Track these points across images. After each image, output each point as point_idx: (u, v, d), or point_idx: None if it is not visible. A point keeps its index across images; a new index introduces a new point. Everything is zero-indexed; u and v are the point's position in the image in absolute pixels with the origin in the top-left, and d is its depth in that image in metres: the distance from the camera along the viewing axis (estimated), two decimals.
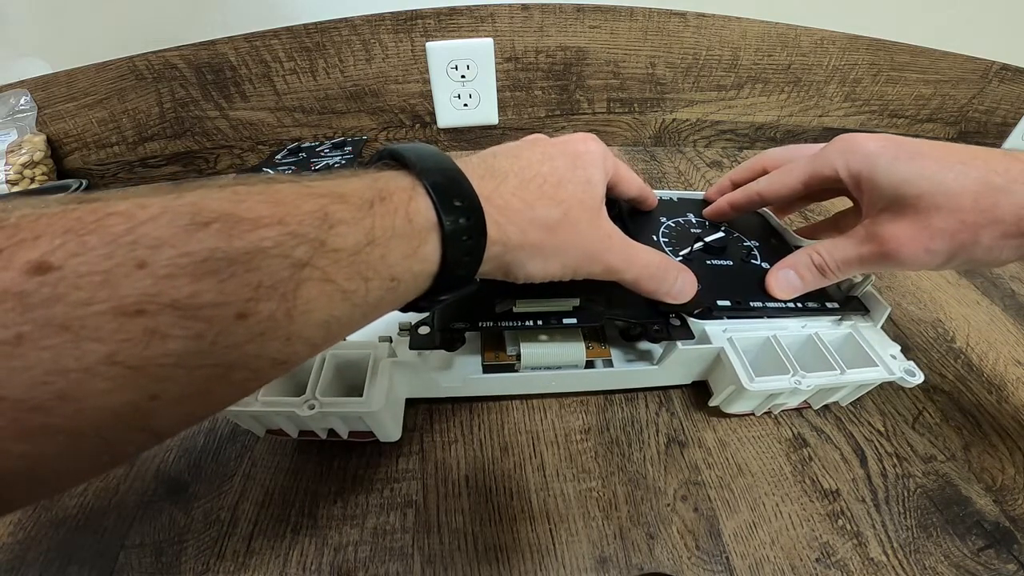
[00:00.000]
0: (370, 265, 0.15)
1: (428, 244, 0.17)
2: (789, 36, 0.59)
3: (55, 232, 0.11)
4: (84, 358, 0.10)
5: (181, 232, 0.12)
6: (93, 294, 0.11)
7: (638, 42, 0.58)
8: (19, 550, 0.26)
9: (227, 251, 0.12)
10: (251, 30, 0.53)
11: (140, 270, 0.11)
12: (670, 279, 0.26)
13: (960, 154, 0.24)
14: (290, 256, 0.13)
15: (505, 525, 0.27)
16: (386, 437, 0.28)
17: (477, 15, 0.54)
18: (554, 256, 0.21)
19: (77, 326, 0.10)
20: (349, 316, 0.15)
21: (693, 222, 0.36)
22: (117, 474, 0.29)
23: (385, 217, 0.16)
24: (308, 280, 0.14)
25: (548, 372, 0.30)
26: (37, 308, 0.10)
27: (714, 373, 0.31)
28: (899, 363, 0.28)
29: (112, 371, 0.11)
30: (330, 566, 0.25)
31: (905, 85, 0.64)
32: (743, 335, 0.30)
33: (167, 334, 0.11)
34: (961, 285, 0.45)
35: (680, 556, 0.26)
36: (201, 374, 0.12)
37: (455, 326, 0.27)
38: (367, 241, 0.15)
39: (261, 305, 0.13)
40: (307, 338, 0.14)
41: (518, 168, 0.21)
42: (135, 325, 0.11)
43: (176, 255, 0.11)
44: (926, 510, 0.28)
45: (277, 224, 0.13)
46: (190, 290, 0.12)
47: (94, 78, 0.52)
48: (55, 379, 0.10)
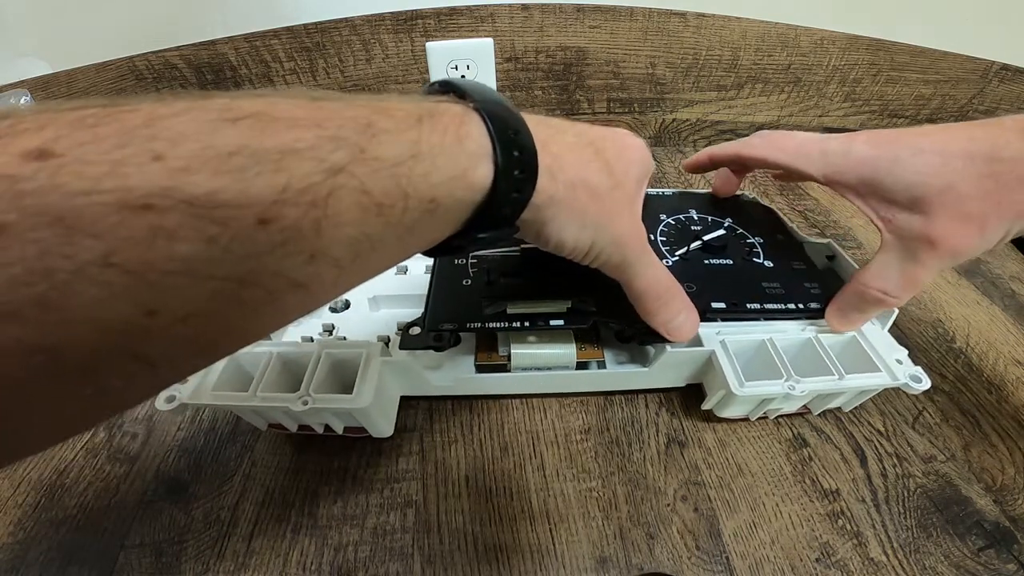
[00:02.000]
0: (411, 181, 0.14)
1: (479, 170, 0.16)
2: (789, 36, 0.59)
3: (62, 123, 0.09)
4: (76, 256, 0.09)
5: (207, 127, 0.11)
6: (96, 184, 0.09)
7: (638, 42, 0.58)
8: (19, 550, 0.26)
9: (255, 148, 0.11)
10: (251, 30, 0.53)
11: (155, 162, 0.10)
12: (672, 309, 0.25)
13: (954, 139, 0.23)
14: (326, 160, 0.12)
15: (505, 525, 0.27)
16: (378, 433, 0.28)
17: (477, 15, 0.54)
18: (591, 227, 0.20)
19: (73, 217, 0.09)
20: (381, 236, 0.14)
21: (695, 219, 0.35)
22: (117, 474, 0.29)
23: (433, 133, 0.15)
24: (342, 188, 0.12)
25: (539, 373, 0.30)
26: (29, 195, 0.09)
27: (707, 376, 0.31)
28: (905, 368, 0.27)
29: (106, 274, 0.09)
30: (330, 566, 0.25)
31: (905, 85, 0.64)
32: (737, 338, 0.29)
33: (175, 234, 0.10)
34: (961, 285, 0.45)
35: (680, 556, 0.26)
36: (208, 288, 0.11)
37: (444, 327, 0.27)
38: (411, 154, 0.14)
39: (287, 210, 0.11)
40: (333, 258, 0.13)
41: (575, 131, 0.21)
42: (140, 220, 0.09)
43: (199, 148, 0.10)
44: (926, 510, 0.28)
45: (315, 126, 0.12)
46: (209, 187, 0.10)
47: (94, 78, 0.52)
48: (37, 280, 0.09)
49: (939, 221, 0.23)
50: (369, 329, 0.32)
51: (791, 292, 0.30)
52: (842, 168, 0.26)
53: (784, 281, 0.31)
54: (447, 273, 0.31)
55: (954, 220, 0.23)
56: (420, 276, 0.36)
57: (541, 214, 0.19)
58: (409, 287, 0.34)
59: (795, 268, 0.32)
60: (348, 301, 0.35)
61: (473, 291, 0.29)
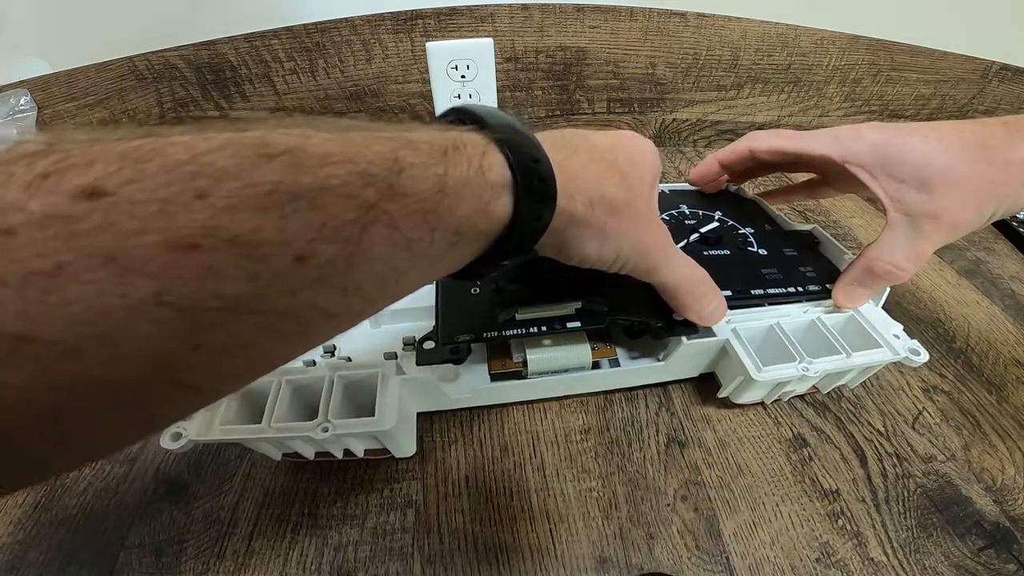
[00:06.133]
0: (438, 215, 0.14)
1: (500, 200, 0.16)
2: (789, 36, 0.59)
3: (110, 158, 0.10)
4: (130, 295, 0.09)
5: (246, 163, 0.11)
6: (146, 224, 0.09)
7: (638, 42, 0.58)
8: (19, 550, 0.26)
9: (292, 186, 0.11)
10: (251, 30, 0.53)
11: (199, 200, 0.10)
12: (706, 300, 0.26)
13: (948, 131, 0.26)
14: (358, 197, 0.12)
15: (505, 525, 0.27)
16: (401, 453, 0.28)
17: (477, 15, 0.54)
18: (613, 240, 0.21)
19: (126, 258, 0.09)
20: (408, 269, 0.15)
21: (687, 213, 0.36)
22: (117, 474, 0.29)
23: (458, 167, 0.15)
24: (374, 224, 0.13)
25: (555, 376, 0.30)
26: (83, 236, 0.09)
27: (721, 365, 0.31)
28: (903, 343, 0.28)
29: (158, 313, 0.10)
30: (330, 566, 0.25)
31: (905, 85, 0.64)
32: (746, 325, 0.29)
33: (222, 273, 0.10)
34: (961, 285, 0.45)
35: (680, 556, 0.26)
36: (250, 322, 0.11)
37: (460, 339, 0.27)
38: (438, 188, 0.14)
39: (323, 247, 0.12)
40: (364, 291, 0.14)
41: (587, 147, 0.21)
42: (189, 260, 0.10)
43: (239, 186, 0.10)
44: (926, 510, 0.28)
45: (347, 163, 0.12)
46: (251, 225, 0.10)
47: (94, 78, 0.52)
48: (95, 319, 0.09)
49: (942, 199, 0.26)
50: (371, 346, 0.32)
51: (789, 277, 0.31)
52: (857, 150, 0.28)
53: (780, 267, 0.32)
54: (453, 284, 0.30)
55: (955, 198, 0.26)
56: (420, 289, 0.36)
57: (561, 235, 0.19)
58: (408, 301, 0.33)
59: (787, 255, 0.33)
60: None
61: (482, 299, 0.29)
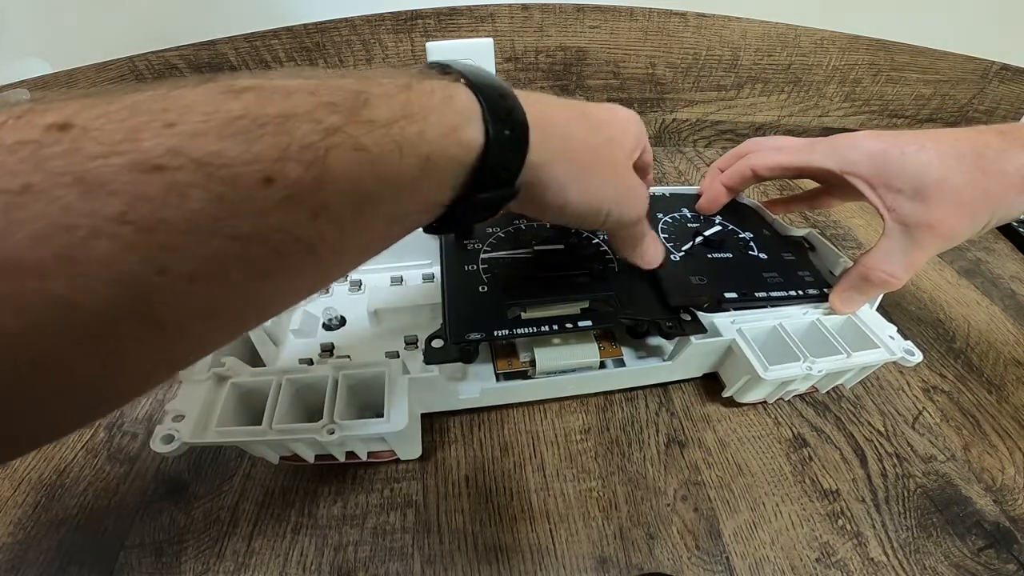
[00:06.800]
0: (405, 137, 0.15)
1: (469, 128, 0.16)
2: (789, 36, 0.59)
3: (84, 104, 0.11)
4: (94, 213, 0.10)
5: (214, 97, 0.12)
6: (113, 148, 0.10)
7: (638, 42, 0.58)
8: (19, 550, 0.26)
9: (258, 114, 0.12)
10: (251, 30, 0.52)
11: (167, 128, 0.11)
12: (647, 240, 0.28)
13: (944, 141, 0.26)
14: (322, 122, 0.13)
15: (505, 525, 0.27)
16: (408, 455, 0.28)
17: (477, 15, 0.54)
18: (595, 184, 0.21)
19: (91, 178, 0.10)
20: (379, 192, 0.15)
21: (689, 217, 0.37)
22: (117, 474, 0.29)
23: (422, 96, 0.15)
24: (339, 146, 0.13)
25: (563, 376, 0.30)
26: (51, 160, 0.10)
27: (725, 364, 0.32)
28: (898, 343, 0.29)
29: (122, 231, 0.10)
30: (330, 566, 0.25)
31: (905, 85, 0.64)
32: (751, 325, 0.30)
33: (186, 193, 0.11)
34: (961, 285, 0.45)
35: (680, 556, 0.26)
36: (216, 246, 0.12)
37: (470, 337, 0.26)
38: (403, 114, 0.15)
39: (289, 167, 0.12)
40: (334, 214, 0.14)
41: (562, 100, 0.22)
42: (154, 179, 0.10)
43: (206, 115, 0.11)
44: (926, 510, 0.28)
45: (309, 94, 0.13)
46: (217, 147, 0.11)
47: (94, 78, 0.52)
48: (60, 236, 0.10)
49: (938, 209, 0.26)
50: (370, 345, 0.32)
51: (789, 280, 0.32)
52: (855, 159, 0.28)
53: (780, 270, 0.33)
54: (460, 281, 0.30)
55: (950, 208, 0.26)
56: (417, 286, 0.36)
57: (540, 174, 0.19)
58: (406, 299, 0.33)
59: (786, 259, 0.34)
60: (343, 317, 0.34)
61: (490, 297, 0.29)
